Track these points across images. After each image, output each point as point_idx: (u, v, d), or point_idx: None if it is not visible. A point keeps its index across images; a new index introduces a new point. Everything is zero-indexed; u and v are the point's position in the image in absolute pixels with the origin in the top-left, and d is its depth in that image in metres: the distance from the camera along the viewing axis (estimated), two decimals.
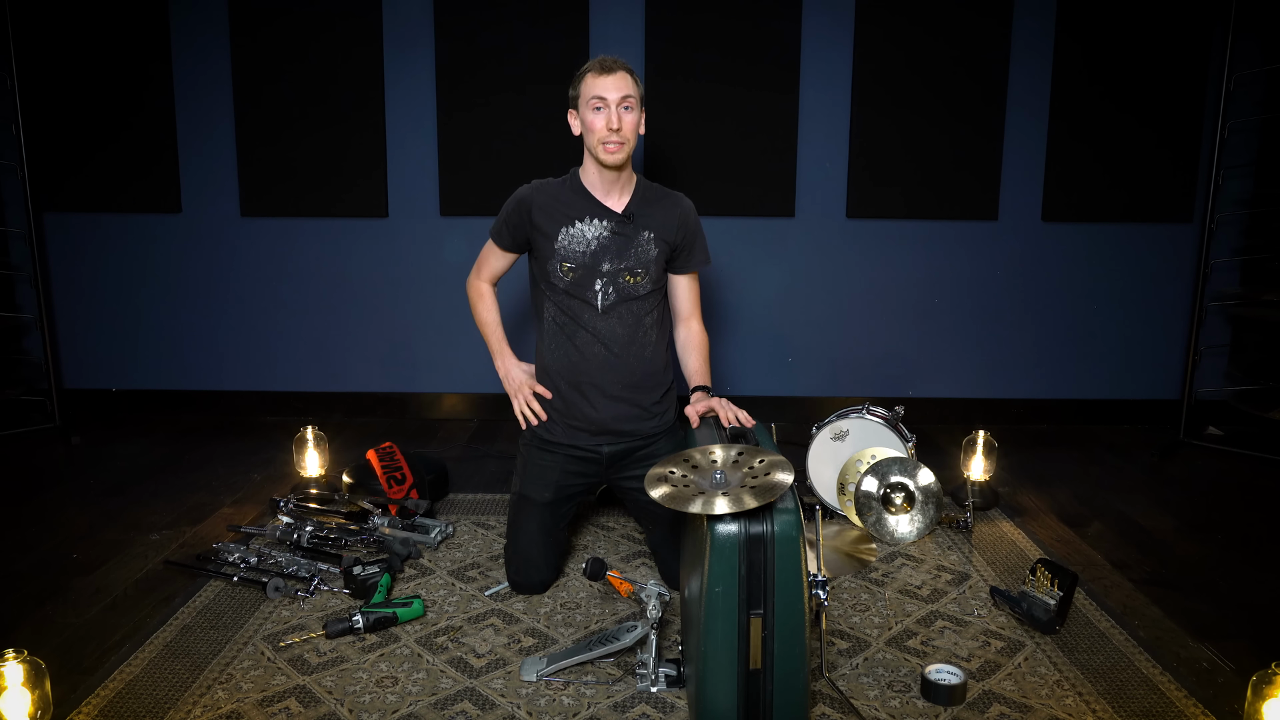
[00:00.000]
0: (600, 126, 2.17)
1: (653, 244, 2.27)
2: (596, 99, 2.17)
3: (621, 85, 2.17)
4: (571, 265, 2.25)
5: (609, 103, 2.16)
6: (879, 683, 1.89)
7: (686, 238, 2.32)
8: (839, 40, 3.66)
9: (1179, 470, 3.34)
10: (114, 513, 2.79)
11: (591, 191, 2.27)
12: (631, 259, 2.26)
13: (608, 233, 2.25)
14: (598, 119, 2.18)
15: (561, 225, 2.25)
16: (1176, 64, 3.65)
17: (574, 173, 2.32)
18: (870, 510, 2.59)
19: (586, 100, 2.19)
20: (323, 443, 3.00)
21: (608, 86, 2.17)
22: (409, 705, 1.79)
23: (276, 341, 3.90)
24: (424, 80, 3.69)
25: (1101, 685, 1.87)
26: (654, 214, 2.29)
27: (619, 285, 2.26)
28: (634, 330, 2.28)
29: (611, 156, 2.19)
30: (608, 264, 2.25)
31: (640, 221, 2.27)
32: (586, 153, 2.27)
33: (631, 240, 2.26)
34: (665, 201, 2.32)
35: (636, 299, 2.27)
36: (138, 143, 3.73)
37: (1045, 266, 3.83)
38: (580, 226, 2.25)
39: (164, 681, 1.85)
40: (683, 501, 1.62)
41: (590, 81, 2.19)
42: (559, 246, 2.25)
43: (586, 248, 2.24)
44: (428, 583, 2.33)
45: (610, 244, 2.25)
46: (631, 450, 2.31)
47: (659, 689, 1.83)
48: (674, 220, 2.30)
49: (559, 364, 2.30)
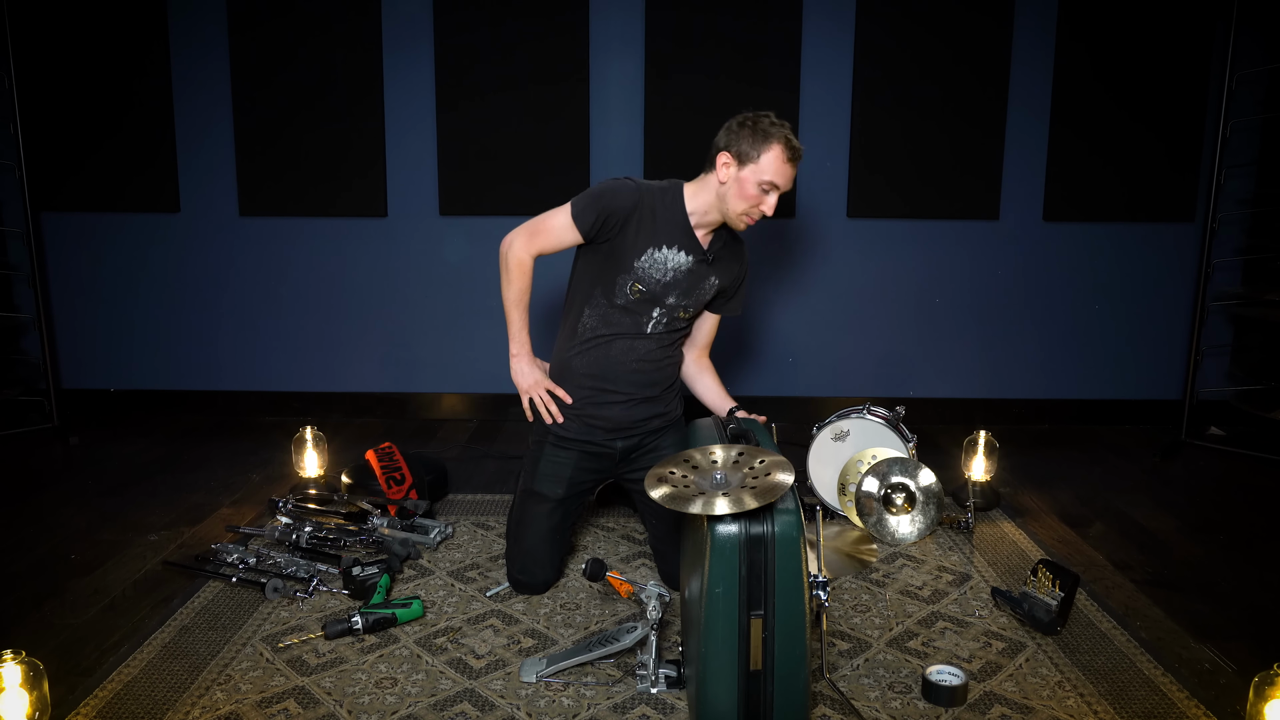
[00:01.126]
0: (757, 205, 2.15)
1: (713, 289, 2.32)
2: (770, 184, 2.13)
3: (792, 178, 2.17)
4: (643, 289, 2.22)
5: (778, 190, 2.15)
6: (880, 684, 1.88)
7: (737, 286, 2.39)
8: (840, 38, 3.65)
9: (1181, 471, 3.34)
10: (112, 513, 2.78)
11: (690, 219, 2.23)
12: (693, 297, 2.28)
13: (685, 268, 2.23)
14: (763, 199, 2.15)
15: (649, 246, 2.19)
16: (1178, 62, 3.64)
17: (676, 188, 2.24)
18: (871, 511, 2.59)
19: (760, 174, 2.12)
20: (321, 443, 2.99)
21: (788, 177, 2.14)
22: (408, 706, 1.78)
23: (275, 341, 3.89)
24: (423, 79, 3.68)
25: (1103, 686, 1.87)
26: (725, 261, 2.32)
27: (672, 318, 2.29)
28: (667, 350, 2.34)
29: (745, 227, 2.22)
30: (673, 298, 2.26)
31: (715, 266, 2.29)
32: (716, 195, 2.19)
33: (701, 281, 2.28)
34: (735, 251, 2.36)
35: (677, 330, 2.33)
36: (136, 142, 3.72)
37: (1046, 266, 3.82)
38: (666, 252, 2.20)
39: (162, 682, 1.85)
40: (683, 502, 1.61)
41: (776, 162, 2.12)
42: (638, 265, 2.20)
43: (663, 276, 2.22)
44: (427, 583, 2.32)
45: (683, 280, 2.24)
46: (640, 444, 2.33)
47: (659, 690, 1.83)
48: (736, 269, 2.37)
49: (587, 368, 2.29)
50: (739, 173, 2.14)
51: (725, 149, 2.16)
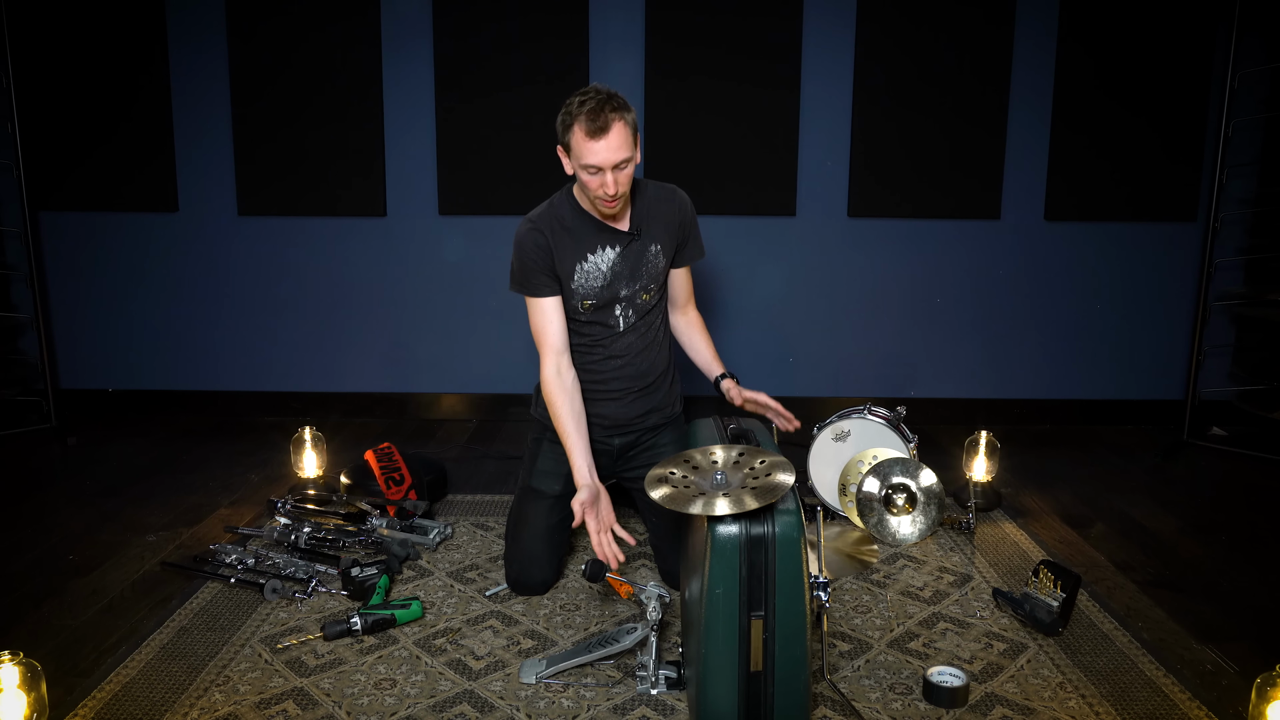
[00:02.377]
0: (596, 189, 2.05)
1: (660, 255, 2.26)
2: (591, 166, 2.00)
3: (616, 148, 1.99)
4: (592, 301, 2.22)
5: (604, 170, 2.01)
6: (881, 685, 1.88)
7: (685, 233, 2.32)
8: (840, 37, 3.64)
9: (1183, 471, 3.33)
10: (110, 514, 2.77)
11: (593, 215, 2.20)
12: (644, 277, 2.25)
13: (618, 255, 2.21)
14: (593, 182, 2.04)
15: (575, 262, 2.19)
16: (1180, 61, 3.63)
17: (569, 195, 2.21)
18: (872, 511, 2.58)
19: (580, 159, 2.02)
20: (320, 443, 2.99)
21: (602, 153, 1.98)
22: (407, 708, 1.77)
23: (274, 341, 3.88)
24: (423, 78, 3.67)
25: (1105, 687, 1.86)
26: (656, 221, 2.26)
27: (636, 306, 2.27)
28: (647, 338, 2.31)
29: (610, 209, 2.12)
30: (625, 289, 2.23)
31: (646, 237, 2.24)
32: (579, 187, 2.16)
33: (641, 257, 2.24)
34: (663, 205, 2.28)
35: (649, 311, 2.30)
36: (134, 141, 3.71)
37: (1048, 266, 3.81)
38: (593, 259, 2.19)
39: (161, 684, 1.84)
40: (683, 502, 1.61)
41: (583, 143, 1.99)
42: (576, 285, 2.20)
43: (602, 280, 2.21)
44: (426, 584, 2.32)
45: (623, 269, 2.21)
46: (638, 441, 2.33)
47: (659, 691, 1.83)
48: (674, 220, 2.29)
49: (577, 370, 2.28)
50: (572, 163, 2.07)
51: (559, 143, 2.09)
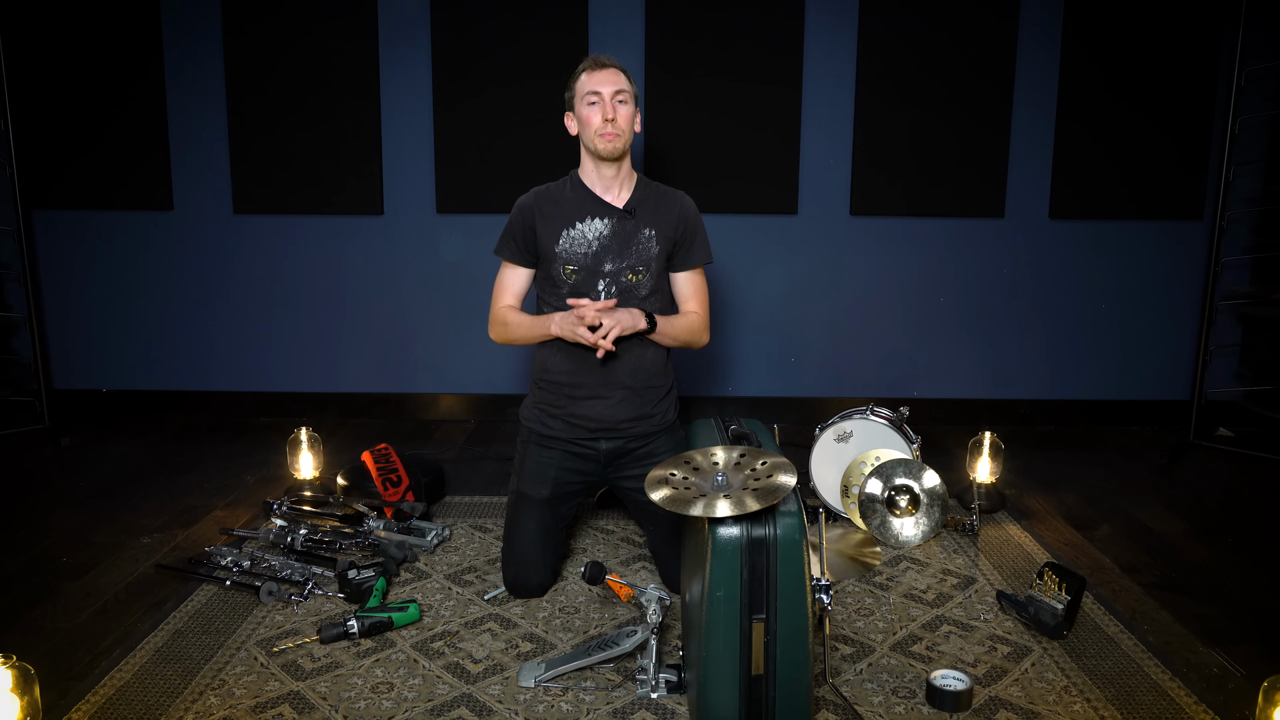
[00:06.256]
0: (596, 120, 2.21)
1: (654, 241, 2.27)
2: (591, 94, 2.22)
3: (615, 80, 2.23)
4: (574, 267, 2.24)
5: (603, 96, 2.21)
6: (883, 689, 1.86)
7: (686, 233, 2.32)
8: (843, 34, 3.63)
9: (1189, 472, 3.31)
10: (104, 515, 2.76)
11: (591, 189, 2.28)
12: (633, 256, 2.25)
13: (609, 230, 2.25)
14: (593, 113, 2.21)
15: (563, 228, 2.25)
16: (1186, 59, 3.62)
17: (573, 174, 2.33)
18: (874, 513, 2.56)
19: (581, 97, 2.24)
20: (317, 444, 2.97)
21: (601, 81, 2.22)
22: (405, 712, 1.76)
23: (270, 341, 3.86)
24: (420, 75, 3.65)
25: (1110, 691, 1.85)
26: (655, 210, 2.29)
27: (621, 285, 2.25)
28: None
29: (609, 144, 2.21)
30: (610, 264, 2.24)
31: (641, 218, 2.27)
32: (584, 151, 2.29)
33: (632, 237, 2.25)
34: (666, 199, 2.33)
35: (638, 299, 2.27)
36: (128, 139, 3.70)
37: (1052, 265, 3.79)
38: (581, 227, 2.25)
39: (155, 687, 1.83)
40: (684, 504, 1.60)
41: (584, 79, 2.24)
42: (560, 250, 2.25)
43: (588, 248, 2.24)
44: (424, 587, 2.30)
45: (611, 243, 2.24)
46: (630, 449, 2.30)
47: (659, 695, 1.81)
48: (674, 216, 2.30)
49: (560, 364, 2.28)
50: (575, 115, 2.28)
51: (566, 114, 2.32)
